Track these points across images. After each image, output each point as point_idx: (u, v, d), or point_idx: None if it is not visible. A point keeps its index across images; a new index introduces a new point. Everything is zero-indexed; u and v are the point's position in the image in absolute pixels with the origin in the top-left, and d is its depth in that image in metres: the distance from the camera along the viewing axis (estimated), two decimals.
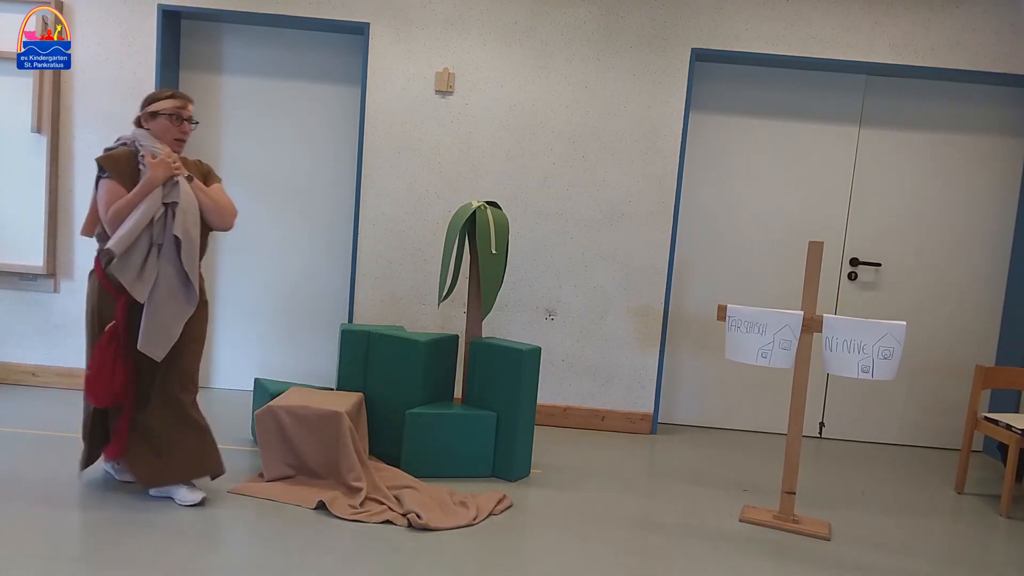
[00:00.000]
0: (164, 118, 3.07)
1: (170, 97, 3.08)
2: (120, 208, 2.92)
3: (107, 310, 3.02)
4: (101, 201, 2.96)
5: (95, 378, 2.96)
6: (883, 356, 3.21)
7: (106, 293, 3.02)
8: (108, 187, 2.96)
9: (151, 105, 3.07)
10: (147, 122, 3.08)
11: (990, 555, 3.30)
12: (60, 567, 2.57)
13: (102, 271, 3.01)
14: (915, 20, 4.47)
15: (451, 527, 3.10)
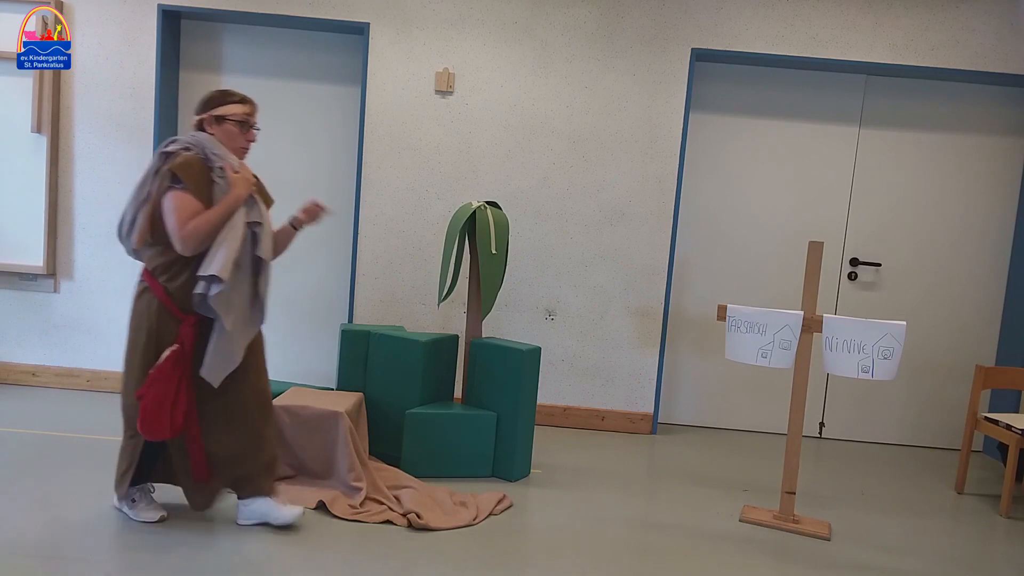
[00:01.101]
0: (232, 124, 2.81)
1: (240, 101, 2.83)
2: (201, 226, 2.65)
3: (168, 332, 2.73)
4: (173, 214, 2.65)
5: (156, 408, 2.66)
6: (883, 356, 3.22)
7: (168, 313, 2.73)
8: (184, 199, 2.66)
9: (218, 108, 2.80)
10: (211, 126, 2.81)
11: (990, 555, 3.30)
12: (60, 567, 2.57)
13: (163, 290, 2.73)
14: (915, 20, 4.47)
15: (451, 527, 3.10)
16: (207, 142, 2.75)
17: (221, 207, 2.69)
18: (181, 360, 2.71)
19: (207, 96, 2.82)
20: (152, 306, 2.73)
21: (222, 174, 2.73)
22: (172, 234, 2.67)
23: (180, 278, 2.72)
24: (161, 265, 2.73)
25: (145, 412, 2.66)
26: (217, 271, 2.62)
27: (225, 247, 2.66)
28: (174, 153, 2.72)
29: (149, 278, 2.76)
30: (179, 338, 2.72)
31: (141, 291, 2.77)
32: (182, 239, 2.65)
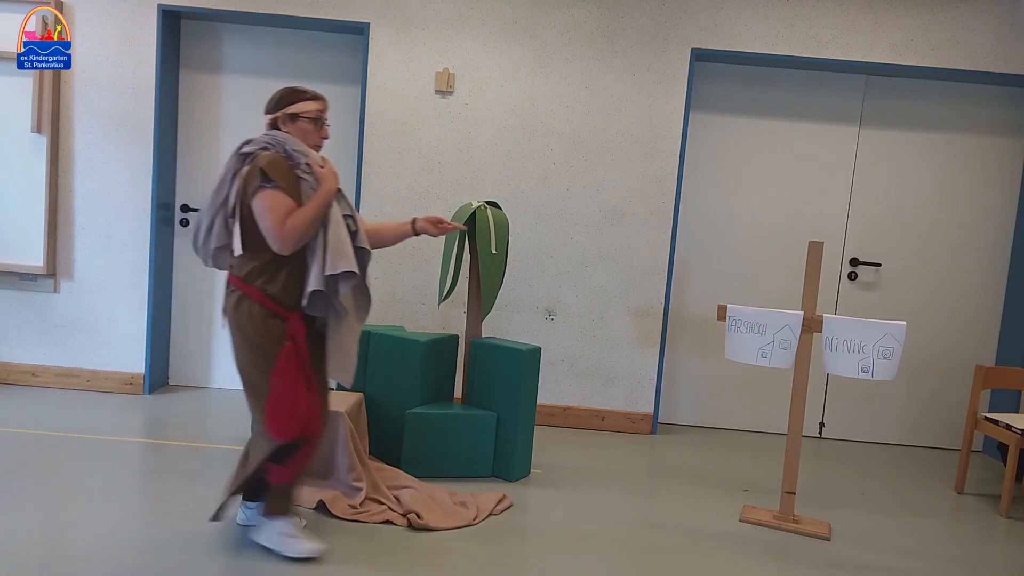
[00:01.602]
0: (305, 121, 2.74)
1: (313, 98, 2.76)
2: (299, 223, 2.58)
3: (277, 333, 2.64)
4: (269, 213, 2.57)
5: (278, 408, 2.59)
6: (883, 356, 3.21)
7: (272, 315, 2.64)
8: (278, 198, 2.58)
9: (292, 106, 2.73)
10: (285, 124, 2.74)
11: (990, 555, 3.29)
12: (60, 567, 2.57)
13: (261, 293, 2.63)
14: (915, 20, 4.47)
15: (451, 527, 3.10)
16: (286, 140, 2.68)
17: (316, 202, 2.62)
18: (296, 356, 2.63)
19: (278, 94, 2.76)
20: (254, 312, 2.63)
21: (308, 170, 2.67)
22: (269, 234, 2.58)
23: (280, 278, 2.64)
24: (255, 269, 2.64)
25: (272, 414, 2.59)
26: (349, 267, 2.59)
27: (340, 241, 2.62)
28: (252, 154, 2.66)
29: (242, 285, 2.65)
30: (289, 334, 2.64)
31: (237, 300, 2.65)
32: (281, 237, 2.57)
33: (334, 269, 2.59)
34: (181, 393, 4.73)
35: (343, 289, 2.65)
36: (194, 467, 3.54)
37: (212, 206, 2.69)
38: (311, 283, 2.60)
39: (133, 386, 4.63)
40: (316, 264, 2.61)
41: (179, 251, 4.82)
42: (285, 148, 2.67)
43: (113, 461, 3.54)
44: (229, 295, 2.69)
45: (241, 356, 2.67)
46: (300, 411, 2.62)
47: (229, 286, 2.70)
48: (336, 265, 2.59)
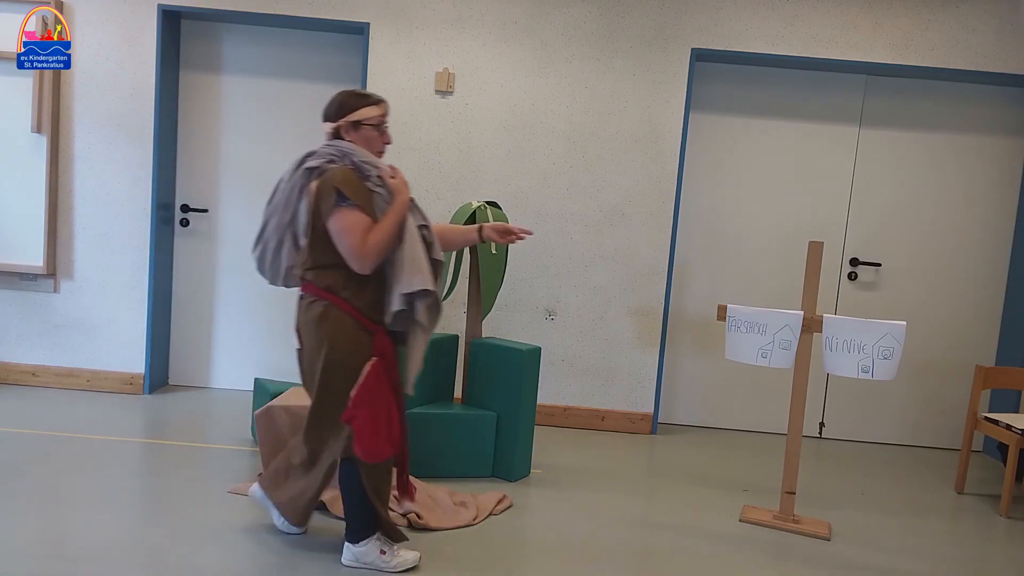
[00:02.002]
0: (368, 128, 2.63)
1: (376, 103, 2.64)
2: (380, 241, 2.50)
3: (363, 347, 2.56)
4: (348, 234, 2.48)
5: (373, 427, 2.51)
6: (883, 356, 3.21)
7: (361, 327, 2.56)
8: (355, 217, 2.48)
9: (353, 114, 2.61)
10: (348, 133, 2.62)
11: (990, 555, 3.29)
12: (60, 567, 2.57)
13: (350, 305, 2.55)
14: (915, 20, 4.47)
15: (451, 527, 3.10)
16: (352, 151, 2.57)
17: (393, 216, 2.54)
18: (384, 372, 2.57)
19: (338, 100, 2.63)
20: (344, 323, 2.54)
21: (380, 182, 2.57)
22: (350, 254, 2.49)
23: (367, 290, 2.57)
24: (338, 281, 2.55)
25: (362, 433, 2.50)
26: (428, 284, 2.54)
27: (416, 257, 2.55)
28: (318, 168, 2.55)
29: (329, 295, 2.55)
30: (376, 349, 2.57)
31: (323, 311, 2.54)
32: (362, 257, 2.49)
33: (410, 288, 2.53)
34: (181, 393, 4.73)
35: (420, 306, 2.59)
36: (194, 467, 3.54)
37: (279, 226, 2.60)
38: (393, 303, 2.55)
39: (133, 386, 4.63)
40: (395, 282, 2.56)
41: (179, 251, 4.82)
42: (353, 160, 2.56)
43: (113, 461, 3.54)
44: (310, 306, 2.57)
45: (319, 369, 2.54)
46: (394, 430, 2.56)
47: (308, 297, 2.59)
48: (412, 283, 2.52)
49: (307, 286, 2.60)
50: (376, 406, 2.51)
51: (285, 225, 2.62)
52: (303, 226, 2.59)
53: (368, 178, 2.56)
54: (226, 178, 4.77)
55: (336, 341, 2.53)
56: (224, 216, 4.79)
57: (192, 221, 4.80)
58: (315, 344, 2.56)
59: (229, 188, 4.77)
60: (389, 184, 2.58)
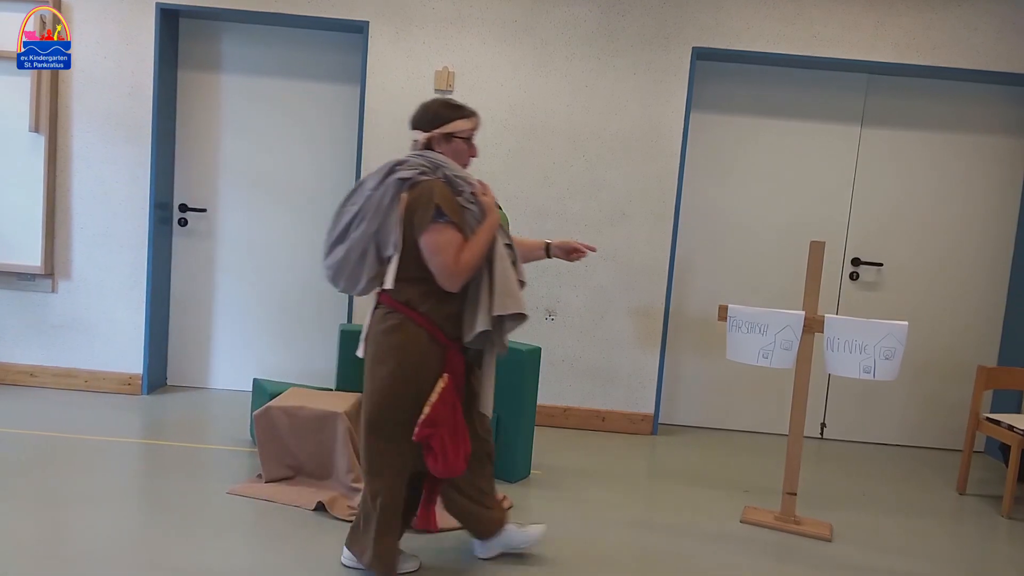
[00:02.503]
0: (460, 141, 2.60)
1: (470, 116, 2.62)
2: (472, 260, 2.46)
3: (435, 362, 2.51)
4: (443, 251, 2.43)
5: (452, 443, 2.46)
6: (884, 356, 3.20)
7: (435, 342, 2.51)
8: (451, 234, 2.44)
9: (447, 126, 2.58)
10: (439, 144, 2.59)
11: (991, 556, 3.28)
12: (59, 567, 2.55)
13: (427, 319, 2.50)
14: (917, 19, 4.45)
15: (451, 527, 3.09)
16: (445, 164, 2.52)
17: (484, 235, 2.49)
18: (454, 389, 2.52)
19: (431, 111, 2.60)
20: (420, 338, 2.49)
21: (472, 199, 2.52)
22: (442, 271, 2.44)
23: (446, 306, 2.52)
24: (418, 295, 2.49)
25: (440, 450, 2.44)
26: (518, 308, 2.50)
27: (507, 278, 2.52)
28: (411, 179, 2.48)
29: (405, 309, 2.49)
30: (448, 367, 2.52)
31: (398, 323, 2.49)
32: (454, 275, 2.44)
33: (504, 310, 2.48)
34: (179, 393, 4.72)
35: (509, 329, 2.56)
36: (192, 468, 3.53)
37: (364, 235, 2.50)
38: (479, 323, 2.49)
39: (131, 386, 4.61)
40: (483, 302, 2.50)
41: (177, 251, 4.80)
42: (446, 174, 2.50)
43: (111, 462, 3.52)
44: (385, 317, 2.52)
45: (386, 382, 2.50)
46: (464, 443, 2.50)
47: (384, 308, 2.54)
48: (505, 306, 2.48)
49: (384, 298, 2.55)
50: (454, 422, 2.48)
51: (371, 235, 2.51)
52: (392, 237, 2.50)
53: (460, 193, 2.51)
54: (224, 177, 4.75)
55: (406, 355, 2.48)
56: (222, 216, 4.77)
57: (190, 221, 4.79)
58: (382, 356, 2.51)
59: (227, 187, 4.76)
60: (482, 201, 2.53)
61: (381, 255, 2.54)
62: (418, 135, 2.61)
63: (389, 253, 2.51)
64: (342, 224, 2.55)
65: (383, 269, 2.56)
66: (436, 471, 2.48)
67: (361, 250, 2.52)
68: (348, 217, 2.54)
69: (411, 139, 2.67)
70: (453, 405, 2.49)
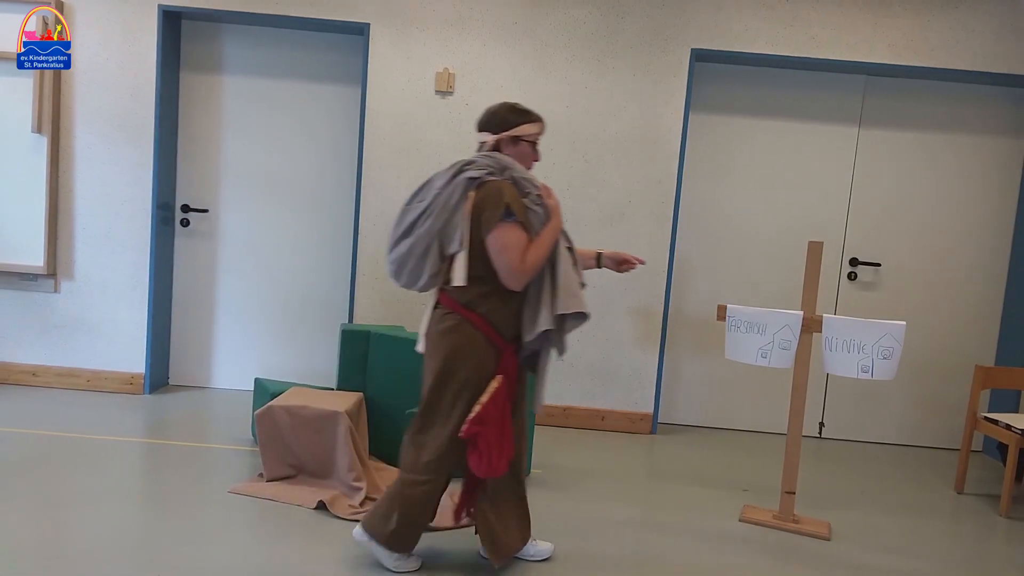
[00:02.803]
0: (525, 144, 2.65)
1: (537, 120, 2.66)
2: (537, 261, 2.51)
3: (490, 364, 2.56)
4: (509, 250, 2.47)
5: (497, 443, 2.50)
6: (883, 356, 3.22)
7: (491, 344, 2.55)
8: (518, 234, 2.49)
9: (516, 129, 2.63)
10: (506, 147, 2.63)
11: (990, 555, 3.30)
12: (60, 567, 2.57)
13: (483, 320, 2.54)
14: (914, 21, 4.47)
15: (451, 527, 3.10)
16: (512, 166, 2.57)
17: (548, 237, 2.54)
18: (507, 391, 2.56)
19: (501, 114, 2.64)
20: (476, 339, 2.53)
21: (538, 201, 2.57)
22: (507, 270, 2.48)
23: (505, 309, 2.56)
24: (479, 295, 2.54)
25: (485, 449, 2.48)
26: (581, 307, 2.54)
27: (569, 279, 2.57)
28: (479, 179, 2.53)
29: (464, 310, 2.54)
30: (502, 368, 2.57)
31: (455, 324, 2.54)
32: (518, 275, 2.49)
33: (567, 309, 2.53)
34: (181, 393, 4.73)
35: (570, 328, 2.61)
36: (194, 467, 3.54)
37: (429, 232, 2.54)
38: (541, 322, 2.53)
39: (133, 386, 4.63)
40: (545, 302, 2.54)
41: (179, 251, 4.82)
42: (513, 176, 2.56)
43: (113, 461, 3.54)
44: (443, 318, 2.57)
45: (441, 381, 2.56)
46: (509, 447, 2.54)
47: (443, 308, 2.58)
48: (568, 305, 2.53)
49: (444, 297, 2.59)
50: (503, 423, 2.52)
51: (436, 231, 2.55)
52: (457, 235, 2.54)
53: (527, 195, 2.56)
54: (226, 178, 4.77)
55: (461, 355, 2.53)
56: (224, 216, 4.79)
57: (192, 221, 4.80)
58: (440, 355, 2.55)
59: (229, 188, 4.77)
60: (547, 204, 2.58)
61: (444, 252, 2.58)
62: (485, 137, 2.66)
63: (453, 250, 2.55)
64: (408, 220, 2.59)
65: (444, 267, 2.60)
66: (479, 470, 2.51)
67: (425, 246, 2.56)
68: (415, 214, 2.58)
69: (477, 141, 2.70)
70: (503, 407, 2.53)
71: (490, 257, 2.52)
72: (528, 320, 2.58)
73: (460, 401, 2.55)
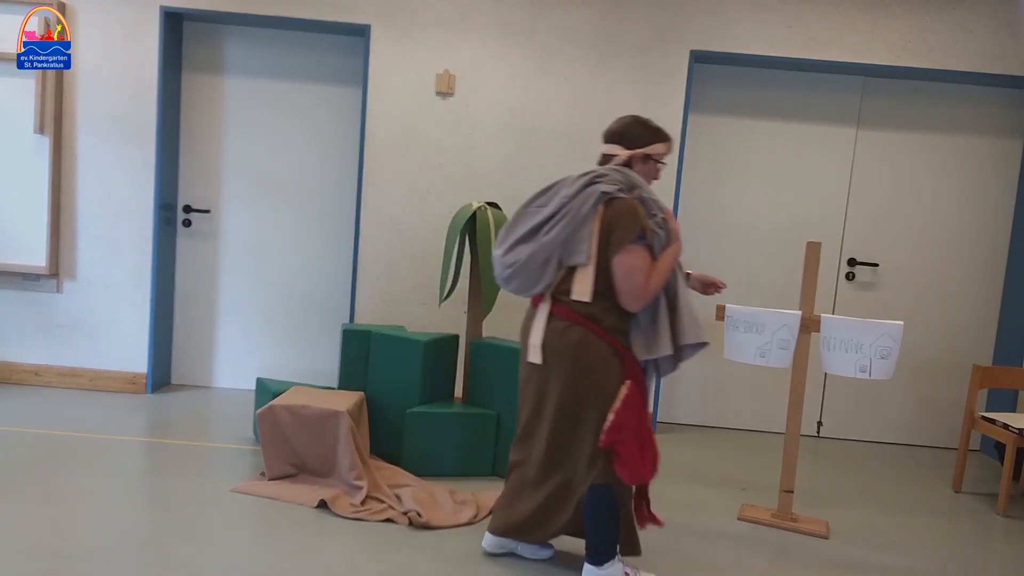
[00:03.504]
0: (655, 163, 2.66)
1: (665, 140, 2.66)
2: (656, 285, 2.49)
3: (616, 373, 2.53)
4: (635, 273, 2.45)
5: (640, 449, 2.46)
6: (880, 355, 3.23)
7: (616, 353, 2.54)
8: (647, 257, 2.48)
9: (648, 147, 2.63)
10: (635, 163, 2.64)
11: (987, 554, 3.32)
12: (60, 567, 2.59)
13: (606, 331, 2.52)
14: (913, 22, 4.49)
15: (452, 525, 3.12)
16: (642, 185, 2.55)
17: (669, 262, 2.53)
18: (639, 394, 2.53)
19: (636, 130, 2.64)
20: (602, 350, 2.51)
21: (664, 225, 2.56)
22: (630, 293, 2.47)
23: (625, 323, 2.56)
24: (601, 309, 2.52)
25: (627, 456, 2.45)
26: (703, 338, 2.56)
27: (691, 307, 2.58)
28: (610, 194, 2.51)
29: (587, 322, 2.52)
30: (628, 373, 2.54)
31: (583, 337, 2.51)
32: (639, 299, 2.47)
33: (693, 339, 2.54)
34: (184, 392, 4.75)
35: (688, 356, 2.62)
36: (196, 466, 3.56)
37: (555, 240, 2.51)
38: (661, 348, 2.53)
39: (136, 385, 4.65)
40: (664, 327, 2.54)
41: (181, 251, 4.84)
42: (642, 196, 2.54)
43: (115, 460, 3.56)
44: (567, 330, 2.53)
45: (572, 392, 2.54)
46: (652, 452, 2.51)
47: (563, 320, 2.55)
48: (696, 335, 2.55)
49: (562, 310, 2.55)
50: (640, 428, 2.48)
51: (561, 241, 2.52)
52: (583, 248, 2.51)
53: (652, 216, 2.54)
54: (228, 179, 4.79)
55: (596, 369, 2.51)
56: (226, 217, 4.81)
57: (194, 222, 4.82)
58: (569, 366, 2.52)
59: (231, 189, 4.79)
60: (670, 228, 2.56)
61: (564, 262, 2.55)
62: (615, 150, 2.65)
63: (576, 262, 2.52)
64: (531, 224, 2.56)
65: (559, 277, 2.57)
66: (624, 477, 2.48)
67: (547, 254, 2.53)
68: (539, 219, 2.55)
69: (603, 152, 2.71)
70: (638, 411, 2.49)
71: (613, 276, 2.49)
72: (642, 343, 2.56)
73: (596, 412, 2.52)
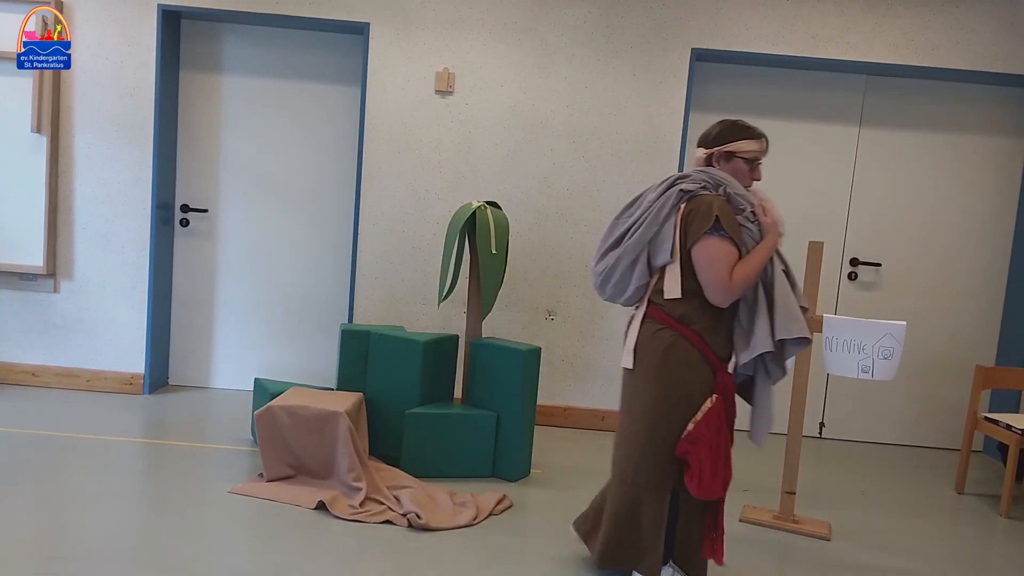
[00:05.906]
0: (740, 161, 2.57)
1: (756, 138, 2.59)
2: (747, 278, 2.44)
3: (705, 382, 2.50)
4: (716, 264, 2.42)
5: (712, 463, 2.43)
6: (883, 356, 3.22)
7: (706, 362, 2.49)
8: (728, 248, 2.44)
9: (730, 144, 2.57)
10: (719, 162, 2.58)
11: (990, 555, 3.30)
12: (60, 567, 2.57)
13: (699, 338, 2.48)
14: (915, 20, 4.47)
15: (451, 527, 3.10)
16: (727, 181, 2.53)
17: (761, 255, 2.48)
18: (724, 410, 2.49)
19: (718, 128, 2.61)
20: (691, 356, 2.47)
21: (752, 218, 2.52)
22: (713, 285, 2.43)
23: (720, 328, 2.52)
24: (692, 311, 2.48)
25: (696, 468, 2.43)
26: (803, 332, 2.48)
27: (788, 301, 2.50)
28: (692, 192, 2.50)
29: (679, 326, 2.49)
30: (718, 387, 2.50)
31: (672, 342, 2.48)
32: (726, 291, 2.43)
33: (788, 334, 2.47)
34: (181, 393, 4.73)
35: (791, 353, 2.56)
36: (194, 467, 3.54)
37: (639, 242, 2.52)
38: (758, 344, 2.48)
39: (133, 386, 4.63)
40: (762, 323, 2.49)
41: (179, 251, 4.82)
42: (727, 191, 2.51)
43: (113, 461, 3.54)
44: (658, 334, 2.51)
45: (654, 399, 2.51)
46: (725, 472, 2.47)
47: (655, 323, 2.53)
48: (790, 330, 2.47)
49: (655, 311, 2.54)
50: (717, 444, 2.45)
51: (646, 242, 2.53)
52: (667, 246, 2.50)
53: (741, 211, 2.52)
54: (226, 178, 4.77)
55: (683, 375, 2.48)
56: (224, 216, 4.79)
57: (192, 221, 4.80)
58: (654, 372, 2.51)
59: (229, 188, 4.77)
60: (763, 222, 2.53)
61: (652, 264, 2.55)
62: (698, 152, 2.64)
63: (662, 261, 2.52)
64: (618, 232, 2.59)
65: (652, 280, 2.56)
66: (692, 490, 2.46)
67: (633, 256, 2.54)
68: (625, 226, 2.58)
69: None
70: (718, 427, 2.46)
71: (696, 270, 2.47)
72: (741, 342, 2.53)
73: (679, 422, 2.49)
